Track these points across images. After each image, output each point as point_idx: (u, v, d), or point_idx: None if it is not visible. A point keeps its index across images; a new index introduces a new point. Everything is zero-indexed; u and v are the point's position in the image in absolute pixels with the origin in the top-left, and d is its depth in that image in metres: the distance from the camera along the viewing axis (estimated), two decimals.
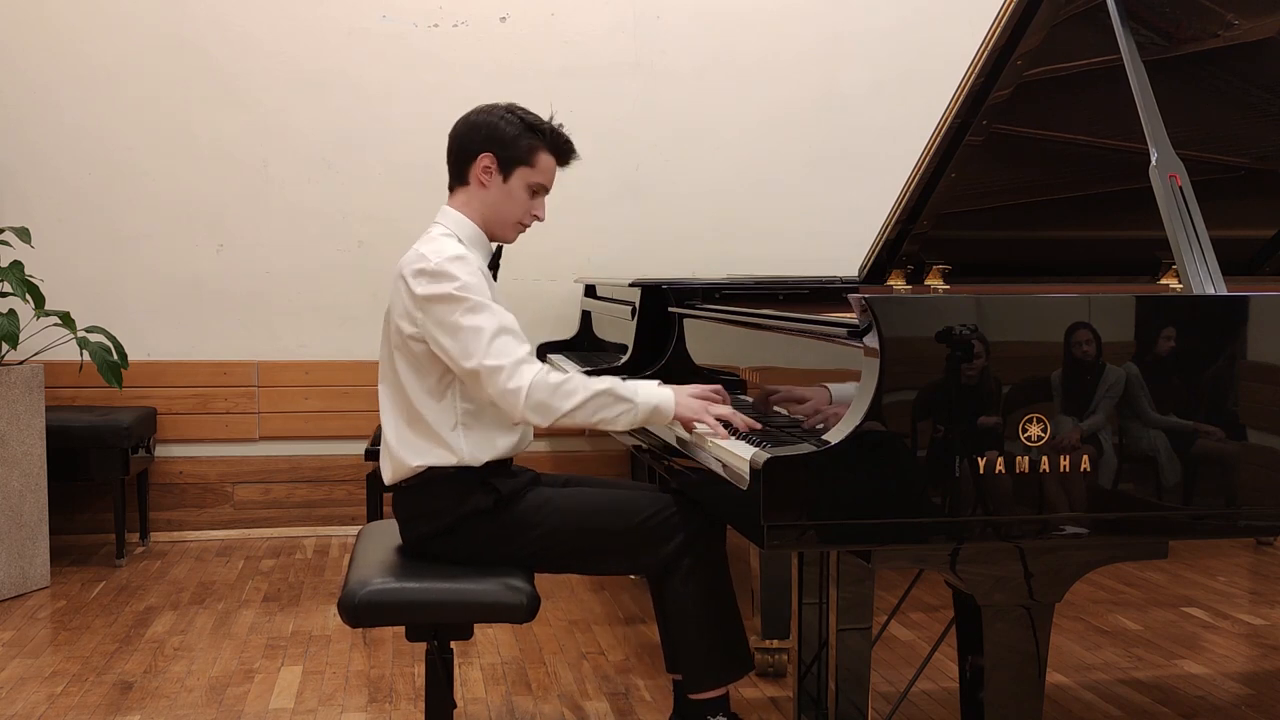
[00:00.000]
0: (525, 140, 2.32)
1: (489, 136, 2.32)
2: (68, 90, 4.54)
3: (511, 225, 2.38)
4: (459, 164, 2.37)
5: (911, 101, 4.84)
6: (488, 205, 2.35)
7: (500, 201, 2.34)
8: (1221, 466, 1.78)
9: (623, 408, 2.19)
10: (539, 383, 2.15)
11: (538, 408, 2.15)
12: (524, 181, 2.34)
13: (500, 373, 2.14)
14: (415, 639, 2.24)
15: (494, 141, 2.32)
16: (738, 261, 4.91)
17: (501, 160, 2.32)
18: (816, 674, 2.50)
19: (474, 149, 2.33)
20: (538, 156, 2.34)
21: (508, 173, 2.33)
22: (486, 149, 2.32)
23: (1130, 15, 2.13)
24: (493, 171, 2.32)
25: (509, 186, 2.34)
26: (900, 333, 1.69)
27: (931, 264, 2.68)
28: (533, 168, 2.34)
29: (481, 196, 2.34)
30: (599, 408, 2.17)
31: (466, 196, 2.36)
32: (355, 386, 4.73)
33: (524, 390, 2.14)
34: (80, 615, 3.62)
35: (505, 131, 2.32)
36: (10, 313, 3.77)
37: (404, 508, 2.32)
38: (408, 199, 4.74)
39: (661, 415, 2.21)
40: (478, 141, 2.33)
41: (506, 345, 2.17)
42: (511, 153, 2.32)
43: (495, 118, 2.33)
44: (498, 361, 2.15)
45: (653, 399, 2.20)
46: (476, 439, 2.26)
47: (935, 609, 3.66)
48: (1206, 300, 1.85)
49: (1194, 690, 3.03)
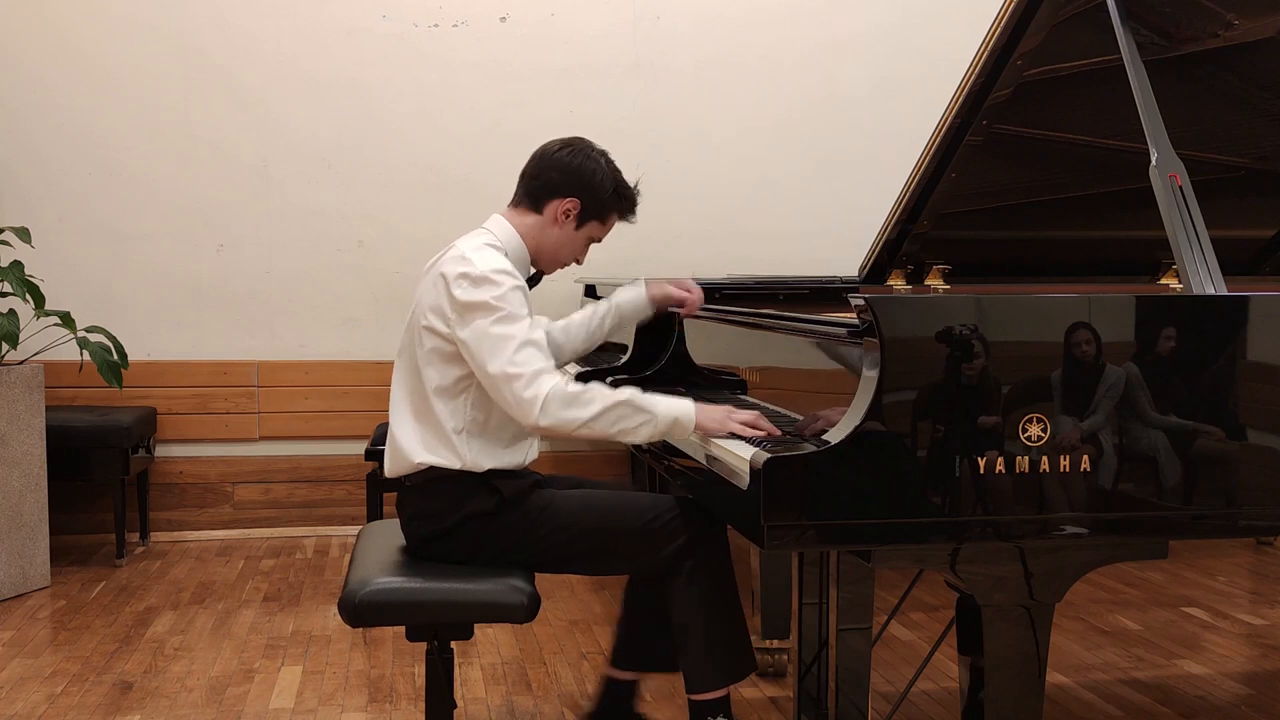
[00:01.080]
0: (611, 200, 2.36)
1: (584, 185, 2.33)
2: (68, 90, 4.54)
3: (559, 264, 2.41)
4: (539, 192, 2.35)
5: (911, 102, 4.84)
6: (549, 240, 2.36)
7: (562, 243, 2.37)
8: (1221, 466, 1.78)
9: (642, 419, 2.16)
10: (556, 393, 2.13)
11: (554, 417, 2.14)
12: (589, 234, 2.38)
13: (518, 380, 2.14)
14: (415, 639, 2.24)
15: (586, 191, 2.33)
16: (738, 261, 4.90)
17: (584, 210, 2.34)
18: (816, 674, 2.50)
19: (564, 189, 2.33)
20: (611, 217, 2.39)
21: (582, 223, 2.36)
22: (576, 195, 2.33)
23: (1130, 15, 2.13)
24: (571, 216, 2.34)
25: (577, 234, 2.37)
26: (900, 333, 1.69)
27: (931, 264, 2.68)
28: (603, 225, 2.39)
29: (547, 231, 2.35)
30: (618, 419, 2.16)
31: (532, 222, 2.36)
32: (355, 386, 4.74)
33: (540, 399, 2.13)
34: (80, 615, 3.62)
35: (600, 186, 2.34)
36: (10, 313, 3.77)
37: (406, 507, 2.32)
38: (408, 199, 4.74)
39: (682, 428, 2.18)
40: (570, 184, 2.33)
41: (529, 356, 2.16)
42: (594, 208, 2.35)
43: (596, 166, 2.35)
44: (518, 370, 2.14)
45: (673, 411, 2.17)
46: (479, 447, 2.25)
47: (935, 609, 3.66)
48: (1206, 300, 1.85)
49: (1194, 690, 3.03)
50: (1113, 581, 4.01)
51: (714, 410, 2.19)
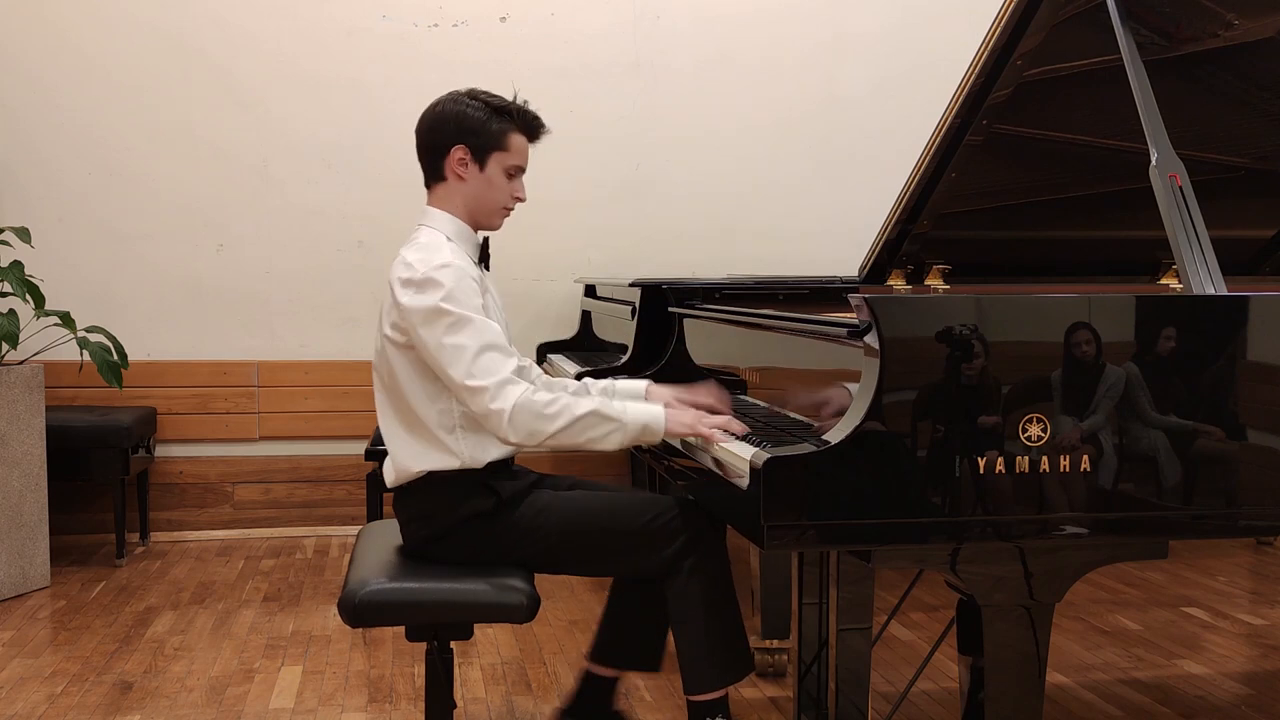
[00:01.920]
0: (495, 124, 2.29)
1: (459, 127, 2.28)
2: (68, 90, 4.54)
3: (496, 212, 2.35)
4: (432, 160, 2.32)
5: (912, 101, 4.85)
6: (469, 197, 2.31)
7: (481, 191, 2.31)
8: (1221, 466, 1.78)
9: (610, 427, 2.16)
10: (522, 405, 2.12)
11: (521, 430, 2.12)
12: (500, 166, 2.30)
13: (484, 394, 2.12)
14: (415, 639, 2.24)
15: (464, 131, 2.28)
16: (738, 261, 4.91)
17: (475, 149, 2.28)
18: (816, 674, 2.50)
19: (446, 142, 2.29)
20: (510, 139, 2.30)
21: (483, 161, 2.29)
22: (458, 140, 2.28)
23: (1130, 15, 2.13)
24: (468, 162, 2.29)
25: (487, 175, 2.30)
26: (900, 333, 1.69)
27: (931, 264, 2.68)
28: (507, 151, 2.30)
29: (461, 190, 2.31)
30: (585, 428, 2.14)
31: (446, 192, 2.33)
32: (355, 386, 4.74)
33: (506, 413, 2.11)
34: (80, 615, 3.62)
35: (474, 119, 2.28)
36: (10, 313, 3.77)
37: (404, 510, 2.32)
38: (408, 199, 4.68)
39: (651, 433, 2.17)
40: (449, 134, 2.29)
41: (491, 363, 2.14)
42: (484, 140, 2.28)
43: (461, 107, 2.30)
44: (481, 382, 2.12)
45: (641, 417, 2.17)
46: (475, 440, 2.25)
47: (935, 609, 3.66)
48: (1206, 300, 1.85)
49: (1194, 690, 3.03)
50: (1113, 581, 4.01)
51: (683, 415, 2.18)
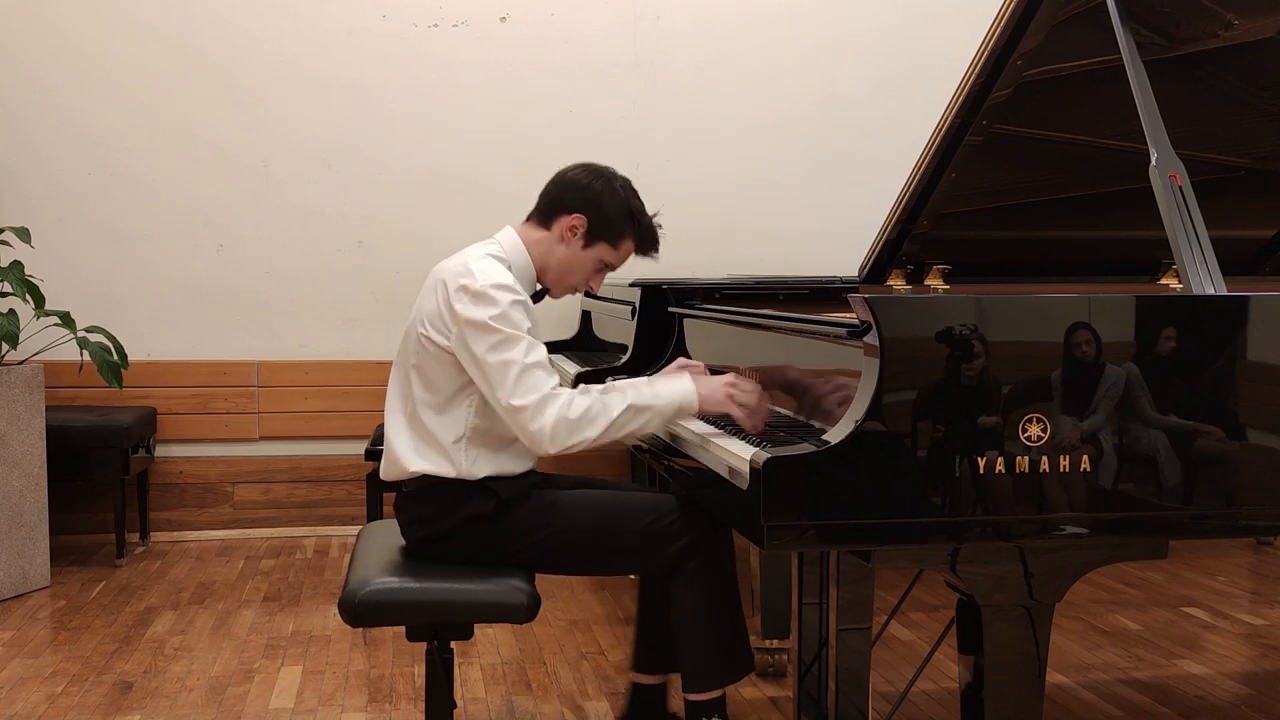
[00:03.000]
0: (621, 224, 2.33)
1: (591, 202, 2.31)
2: (68, 90, 4.54)
3: (566, 287, 2.39)
4: (551, 208, 2.34)
5: (912, 101, 4.84)
6: (555, 259, 2.34)
7: (569, 262, 2.34)
8: (1221, 466, 1.78)
9: (647, 416, 2.20)
10: (560, 422, 2.14)
11: (563, 443, 2.16)
12: (599, 256, 2.34)
13: (524, 413, 2.14)
14: (415, 639, 2.24)
15: (593, 208, 2.31)
16: (738, 261, 4.90)
17: (590, 228, 2.31)
18: (816, 674, 2.50)
19: (571, 205, 2.31)
20: (624, 241, 2.35)
21: (590, 242, 2.32)
22: (583, 211, 2.31)
23: (1130, 15, 2.13)
24: (577, 234, 2.31)
25: (584, 255, 2.33)
26: (900, 333, 1.69)
27: (931, 264, 2.68)
28: (614, 249, 2.35)
29: (554, 248, 2.33)
30: (624, 424, 2.18)
31: (540, 238, 2.34)
32: (355, 386, 4.73)
33: (546, 430, 2.14)
34: (80, 615, 3.62)
35: (608, 207, 2.31)
36: (10, 313, 3.77)
37: (404, 510, 2.32)
38: (408, 199, 4.74)
39: (687, 411, 2.22)
40: (578, 200, 2.31)
41: (533, 383, 2.15)
42: (603, 227, 2.32)
43: (606, 187, 2.32)
44: (522, 401, 2.14)
45: (675, 398, 2.21)
46: (476, 455, 2.24)
47: (935, 609, 3.66)
48: (1206, 300, 1.85)
49: (1194, 690, 3.03)
50: (1113, 581, 4.01)
51: (714, 390, 2.22)
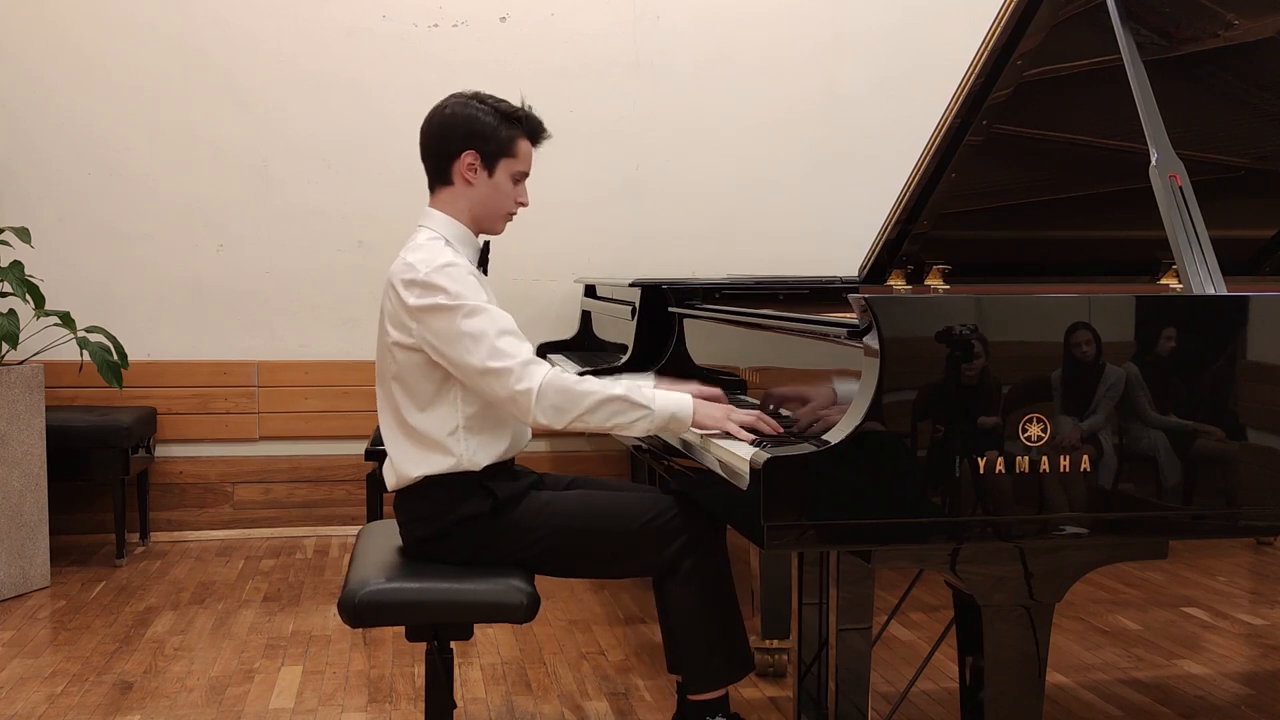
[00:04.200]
0: (505, 130, 2.28)
1: (469, 132, 2.27)
2: (68, 90, 4.54)
3: (501, 218, 2.35)
4: (439, 163, 2.31)
5: (912, 101, 4.85)
6: (475, 202, 2.31)
7: (488, 197, 2.30)
8: (1221, 466, 1.78)
9: (639, 414, 2.14)
10: (550, 383, 2.11)
11: (550, 409, 2.11)
12: (508, 172, 2.30)
13: (509, 375, 2.11)
14: (415, 639, 2.24)
15: (475, 136, 2.27)
16: (738, 261, 4.90)
17: (485, 155, 2.28)
18: (816, 674, 2.50)
19: (455, 147, 2.28)
20: (518, 145, 2.30)
21: (492, 166, 2.29)
22: (468, 145, 2.27)
23: (1130, 15, 2.13)
24: (477, 168, 2.28)
25: (495, 180, 2.30)
26: (900, 333, 1.69)
27: (931, 264, 2.68)
28: (515, 157, 2.30)
29: (468, 194, 2.30)
30: (614, 413, 2.13)
31: (451, 195, 2.32)
32: (355, 386, 4.74)
33: (534, 391, 2.10)
34: (80, 615, 3.62)
35: (484, 124, 2.27)
36: (10, 313, 3.77)
37: (403, 511, 2.32)
38: (408, 199, 4.69)
39: (679, 423, 2.15)
40: (458, 139, 2.28)
41: (510, 346, 2.13)
42: (494, 146, 2.28)
43: (471, 110, 2.29)
44: (504, 363, 2.11)
45: (670, 406, 2.15)
46: (477, 443, 2.24)
47: (935, 609, 3.66)
48: (1206, 300, 1.84)
49: (1194, 690, 3.03)
50: (1113, 581, 4.01)
51: (712, 409, 2.16)
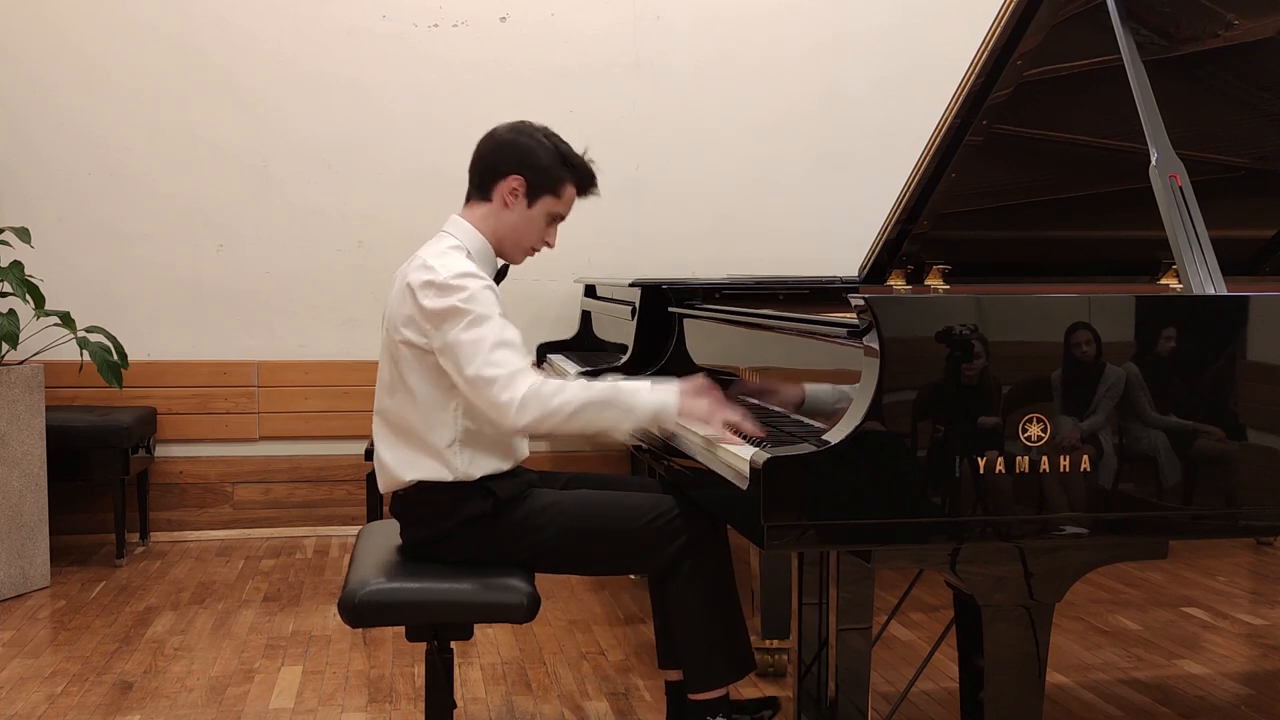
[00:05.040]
0: (558, 171, 2.30)
1: (523, 160, 2.29)
2: (68, 90, 4.54)
3: (523, 250, 2.36)
4: (484, 179, 2.33)
5: (912, 101, 4.85)
6: (505, 226, 2.32)
7: (519, 225, 2.32)
8: (1221, 466, 1.78)
9: (621, 414, 2.15)
10: (533, 392, 2.11)
11: (531, 416, 2.11)
12: (546, 210, 2.32)
13: (494, 384, 2.11)
14: (415, 639, 2.24)
15: (526, 166, 2.29)
16: (738, 261, 4.90)
17: (531, 185, 2.29)
18: (816, 674, 2.50)
19: (504, 169, 2.30)
20: (565, 188, 2.32)
21: (533, 199, 2.30)
22: (518, 172, 2.29)
23: (1130, 15, 2.13)
24: (519, 195, 2.30)
25: (532, 213, 2.31)
26: (900, 333, 1.69)
27: (931, 264, 2.68)
28: (558, 198, 2.32)
29: (501, 216, 2.32)
30: (597, 415, 2.13)
31: (484, 212, 2.33)
32: (355, 386, 4.73)
33: (516, 400, 2.10)
34: (80, 615, 3.62)
35: (540, 158, 2.29)
36: (10, 313, 3.77)
37: (403, 513, 2.32)
38: (408, 199, 4.74)
39: (664, 419, 2.16)
40: (510, 162, 2.30)
41: (504, 357, 2.13)
42: (541, 180, 2.30)
43: (532, 141, 2.31)
44: (493, 372, 2.11)
45: (654, 403, 2.15)
46: (471, 456, 2.23)
47: (935, 609, 3.66)
48: (1206, 300, 1.84)
49: (1194, 690, 3.03)
50: (1113, 581, 4.01)
51: (699, 404, 2.15)
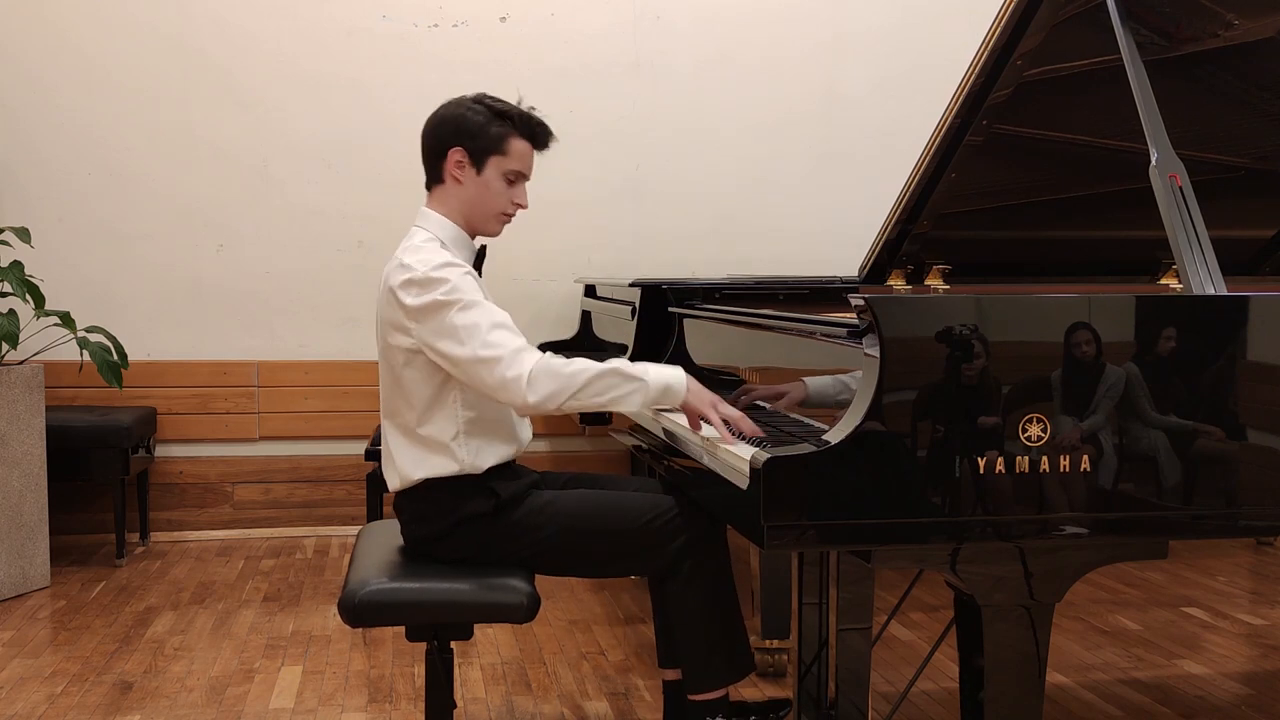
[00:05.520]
0: (494, 128, 2.27)
1: (457, 130, 2.27)
2: (68, 90, 4.54)
3: (493, 218, 2.32)
4: (432, 162, 2.32)
5: (912, 101, 4.85)
6: (465, 201, 2.30)
7: (477, 195, 2.29)
8: (1221, 466, 1.78)
9: (633, 386, 2.13)
10: (541, 367, 2.10)
11: (543, 391, 2.10)
12: (499, 171, 2.29)
13: (499, 363, 2.10)
14: (415, 639, 2.24)
15: (462, 134, 2.27)
16: (738, 261, 4.90)
17: (472, 152, 2.27)
18: (816, 674, 2.50)
19: (444, 144, 2.28)
20: (510, 143, 2.28)
21: (480, 164, 2.28)
22: (456, 143, 2.27)
23: (1130, 15, 2.13)
24: (465, 165, 2.28)
25: (484, 178, 2.28)
26: (900, 333, 1.69)
27: (931, 264, 2.68)
28: (506, 155, 2.28)
29: (457, 193, 2.29)
30: (607, 387, 2.12)
31: (443, 195, 2.31)
32: (355, 386, 4.73)
33: (524, 376, 2.09)
34: (80, 615, 3.62)
35: (473, 122, 2.27)
36: (10, 313, 3.77)
37: (404, 510, 2.32)
38: (408, 199, 4.68)
39: (673, 395, 2.15)
40: (447, 136, 2.28)
41: (502, 337, 2.13)
42: (481, 143, 2.27)
43: (462, 110, 2.29)
44: (495, 352, 2.10)
45: (663, 378, 2.15)
46: (477, 446, 2.24)
47: (935, 609, 3.66)
48: (1206, 300, 1.84)
49: (1194, 690, 3.03)
50: (1113, 581, 4.01)
51: (703, 391, 2.16)
